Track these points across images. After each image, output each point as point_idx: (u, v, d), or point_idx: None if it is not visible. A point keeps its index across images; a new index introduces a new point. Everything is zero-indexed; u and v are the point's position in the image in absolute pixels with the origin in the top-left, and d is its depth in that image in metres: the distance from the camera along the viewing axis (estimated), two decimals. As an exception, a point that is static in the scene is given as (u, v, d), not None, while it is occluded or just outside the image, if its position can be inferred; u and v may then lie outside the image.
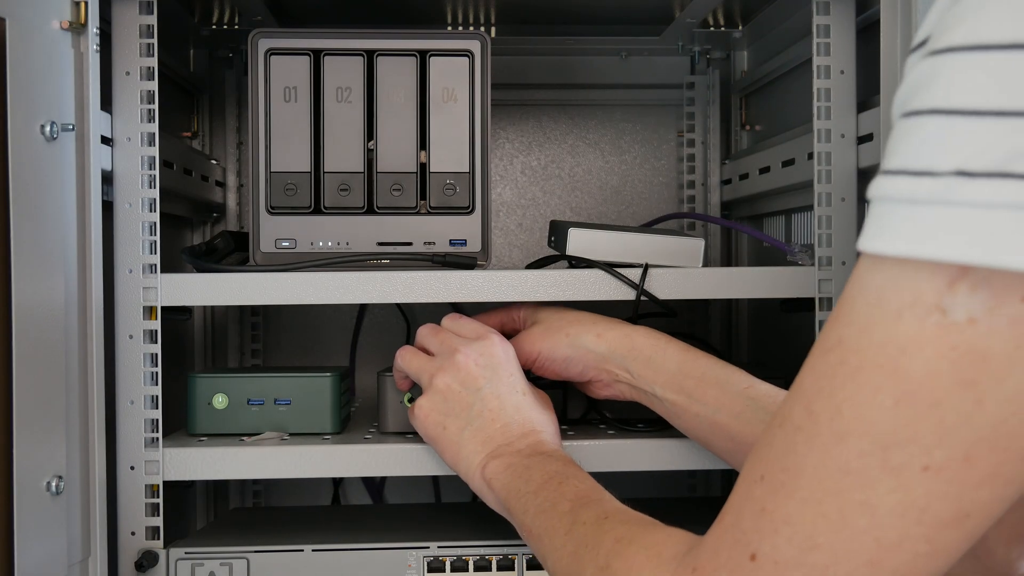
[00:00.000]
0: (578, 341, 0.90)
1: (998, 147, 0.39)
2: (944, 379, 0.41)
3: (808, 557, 0.45)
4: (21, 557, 0.71)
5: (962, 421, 0.41)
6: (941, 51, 0.41)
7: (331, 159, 1.01)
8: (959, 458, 0.42)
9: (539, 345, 0.91)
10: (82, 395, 0.82)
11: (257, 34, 1.00)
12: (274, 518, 1.14)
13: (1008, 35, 0.39)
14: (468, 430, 0.85)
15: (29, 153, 0.74)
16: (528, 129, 1.42)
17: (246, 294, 0.92)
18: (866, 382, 0.43)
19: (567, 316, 0.93)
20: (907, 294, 0.42)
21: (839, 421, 0.44)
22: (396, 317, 1.38)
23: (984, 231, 0.39)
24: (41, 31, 0.78)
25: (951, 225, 0.40)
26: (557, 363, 0.91)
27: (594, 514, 0.68)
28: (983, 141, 0.39)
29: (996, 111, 0.39)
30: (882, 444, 0.43)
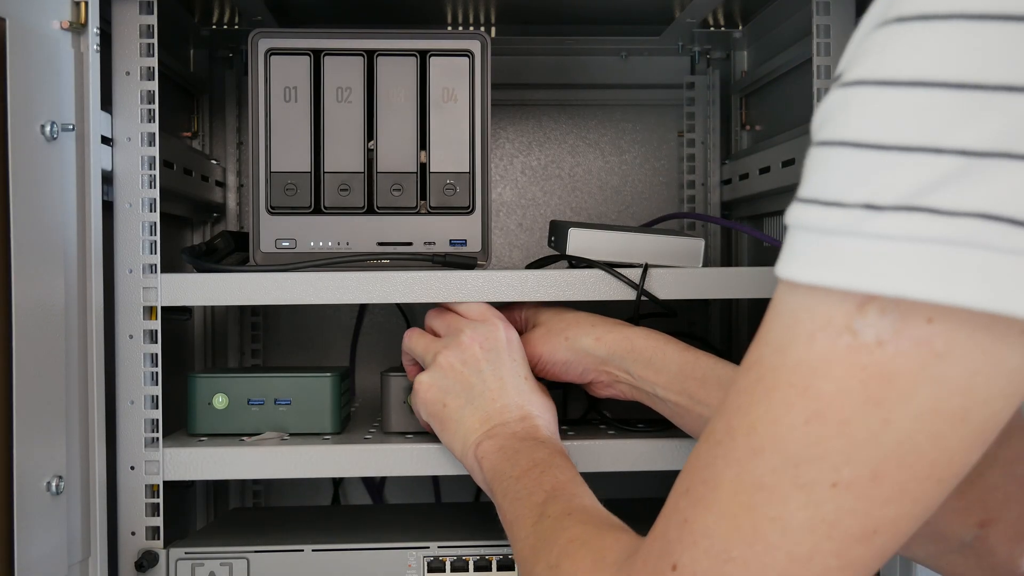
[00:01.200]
0: (577, 344, 0.90)
1: (903, 181, 0.40)
2: (853, 398, 0.42)
3: (724, 569, 0.46)
4: (21, 557, 0.71)
5: (870, 439, 0.42)
6: (851, 83, 0.42)
7: (331, 159, 1.01)
8: (867, 475, 0.43)
9: (539, 348, 0.91)
10: (82, 395, 0.82)
11: (257, 34, 1.00)
12: (274, 518, 1.14)
13: (913, 72, 0.40)
14: (468, 408, 0.85)
15: (29, 153, 0.74)
16: (528, 129, 1.42)
17: (246, 294, 0.92)
18: (780, 400, 0.44)
19: (567, 318, 0.93)
20: (819, 317, 0.43)
21: (754, 437, 0.45)
22: (396, 317, 1.38)
23: (891, 262, 0.40)
24: (41, 31, 0.78)
25: (859, 256, 0.41)
26: (557, 366, 0.91)
27: (560, 509, 0.69)
28: (889, 175, 0.40)
29: (901, 146, 0.40)
30: (793, 461, 0.44)
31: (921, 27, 0.40)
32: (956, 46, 0.39)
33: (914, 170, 0.40)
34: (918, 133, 0.40)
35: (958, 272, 0.39)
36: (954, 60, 0.39)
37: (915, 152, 0.40)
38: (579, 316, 0.93)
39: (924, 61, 0.40)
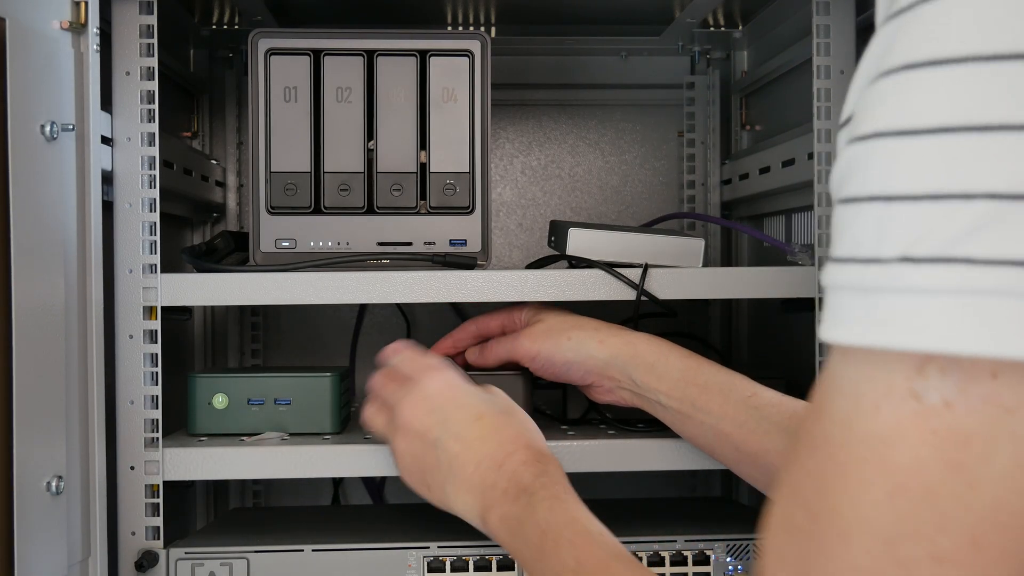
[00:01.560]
0: (581, 346, 0.90)
1: (937, 231, 0.39)
2: (931, 465, 0.41)
3: None
4: (21, 557, 0.71)
5: (960, 506, 0.41)
6: (869, 136, 0.41)
7: (331, 159, 1.01)
8: (966, 544, 0.41)
9: (540, 345, 0.91)
10: (82, 395, 0.82)
11: (257, 34, 1.00)
12: (274, 518, 1.14)
13: (935, 119, 0.39)
14: (449, 484, 0.82)
15: (29, 153, 0.74)
16: (528, 129, 1.42)
17: (246, 294, 0.92)
18: (857, 478, 0.42)
19: (569, 320, 0.92)
20: (880, 384, 0.41)
21: (839, 519, 0.43)
22: (396, 317, 1.38)
23: (937, 317, 0.39)
24: (41, 31, 0.78)
25: (905, 312, 0.40)
26: (557, 366, 0.91)
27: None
28: (923, 226, 0.39)
29: (931, 194, 0.39)
30: (886, 539, 0.42)
31: (935, 72, 0.39)
32: (976, 89, 0.38)
33: (947, 218, 0.39)
34: (946, 180, 0.39)
35: (1010, 323, 0.38)
36: (976, 103, 0.38)
37: (945, 200, 0.39)
38: (581, 319, 0.93)
39: (945, 107, 0.39)
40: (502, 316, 0.98)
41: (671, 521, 1.00)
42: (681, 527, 0.97)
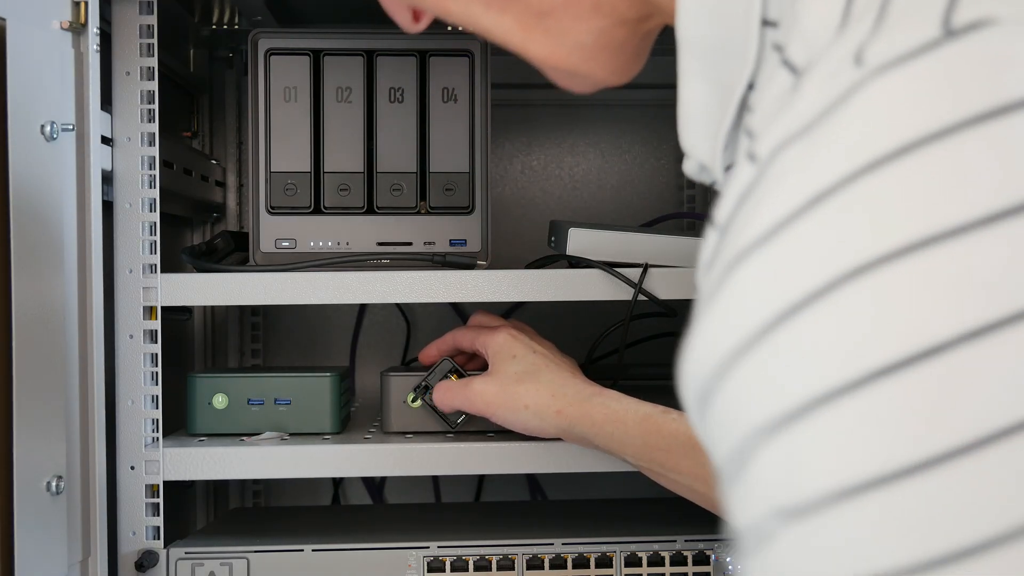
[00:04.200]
0: (536, 417, 0.89)
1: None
2: None
3: None
4: (21, 557, 0.71)
5: None
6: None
7: (331, 159, 1.01)
8: None
9: (494, 409, 0.90)
10: (82, 395, 0.82)
11: (257, 34, 1.00)
12: (274, 518, 1.14)
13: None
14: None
15: (29, 153, 0.74)
16: (528, 129, 1.42)
17: (246, 294, 0.92)
18: None
19: (522, 374, 0.91)
20: None
21: None
22: (396, 317, 1.38)
23: None
24: (41, 31, 0.78)
25: None
26: (516, 428, 0.91)
27: None
28: None
29: None
30: None
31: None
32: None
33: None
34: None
35: None
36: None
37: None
38: (536, 368, 0.91)
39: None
40: (472, 335, 0.96)
41: (671, 521, 1.00)
42: (681, 527, 0.97)
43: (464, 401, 0.92)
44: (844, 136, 0.32)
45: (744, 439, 0.33)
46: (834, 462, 0.30)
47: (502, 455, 0.93)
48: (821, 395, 0.31)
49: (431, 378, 0.96)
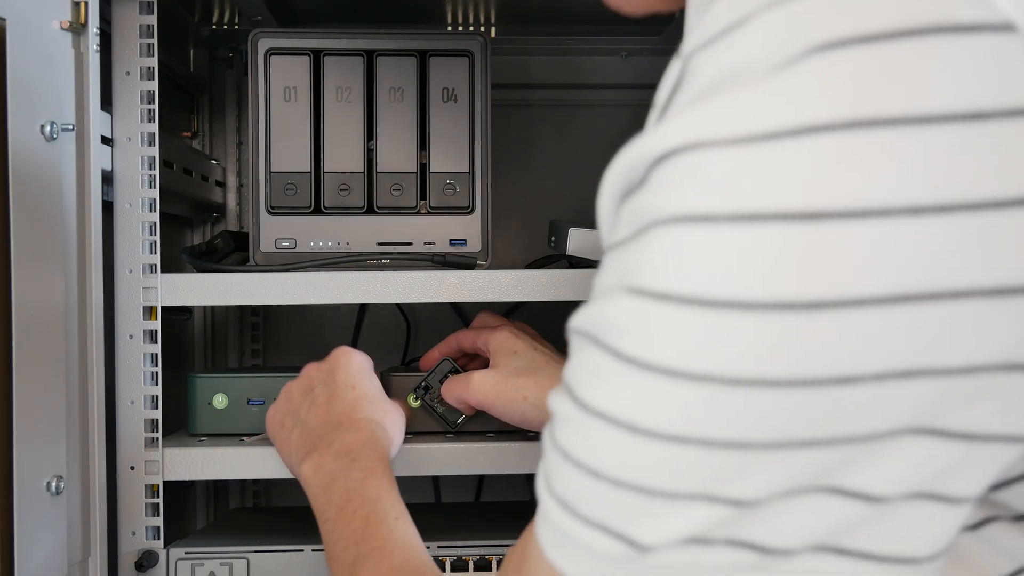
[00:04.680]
0: (537, 406, 0.89)
1: (674, 525, 0.40)
2: None
3: None
4: (21, 557, 0.71)
5: None
6: (593, 413, 0.41)
7: (331, 159, 1.01)
8: None
9: (492, 400, 0.90)
10: (82, 395, 0.82)
11: (257, 34, 1.00)
12: (274, 518, 1.14)
13: (674, 429, 0.39)
14: (297, 429, 0.87)
15: (29, 153, 0.74)
16: (528, 129, 1.42)
17: (246, 294, 0.92)
18: None
19: (523, 368, 0.91)
20: None
21: None
22: (396, 317, 1.38)
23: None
24: (41, 31, 0.78)
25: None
26: (515, 421, 0.91)
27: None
28: (659, 519, 0.40)
29: (669, 493, 0.39)
30: None
31: (661, 380, 0.38)
32: (718, 406, 0.37)
33: (686, 515, 0.39)
34: (685, 484, 0.39)
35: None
36: (720, 421, 0.37)
37: (684, 499, 0.39)
38: (537, 365, 0.91)
39: (688, 418, 0.38)
40: (474, 335, 0.97)
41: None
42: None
43: (465, 392, 0.92)
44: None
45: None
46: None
47: (502, 455, 0.93)
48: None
49: (431, 378, 0.96)
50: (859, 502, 0.38)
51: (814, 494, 0.38)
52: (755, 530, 0.39)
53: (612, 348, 0.39)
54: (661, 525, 0.39)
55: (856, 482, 0.38)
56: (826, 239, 0.35)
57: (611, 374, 0.39)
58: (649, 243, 0.38)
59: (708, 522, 0.39)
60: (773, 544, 0.39)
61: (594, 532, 0.41)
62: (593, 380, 0.40)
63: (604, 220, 0.43)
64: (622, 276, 0.39)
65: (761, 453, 0.37)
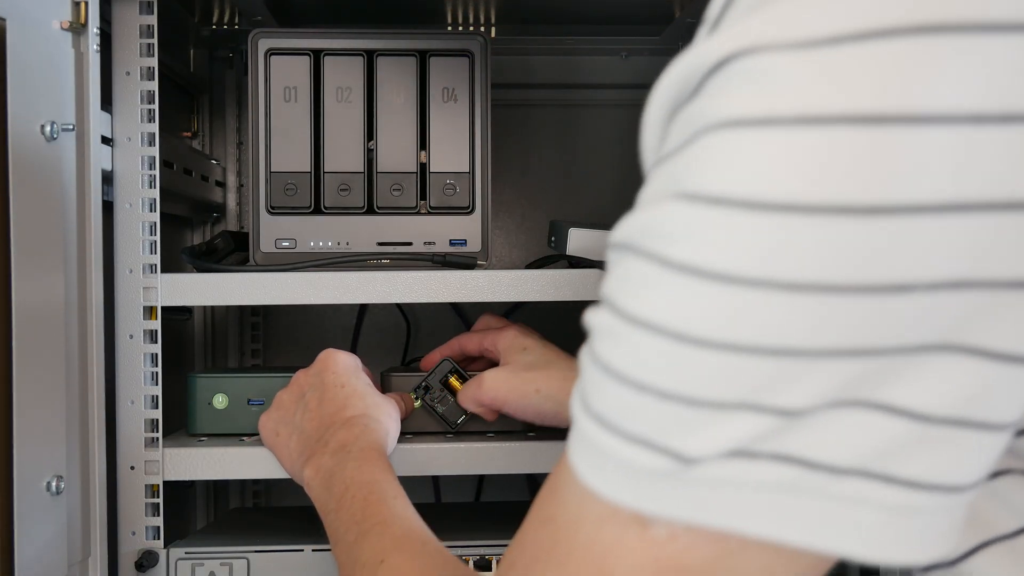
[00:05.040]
0: (550, 399, 0.89)
1: (718, 437, 0.38)
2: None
3: None
4: (21, 557, 0.71)
5: None
6: (635, 321, 0.40)
7: (331, 159, 1.01)
8: None
9: (504, 395, 0.90)
10: (82, 395, 0.82)
11: (257, 34, 1.00)
12: (274, 518, 1.14)
13: (722, 337, 0.38)
14: (294, 436, 0.87)
15: (29, 153, 0.74)
16: (528, 129, 1.42)
17: (246, 294, 0.92)
18: (574, 574, 0.43)
19: (534, 362, 0.91)
20: (608, 507, 0.42)
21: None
22: (396, 317, 1.38)
23: (700, 502, 0.39)
24: (41, 31, 0.78)
25: (664, 492, 0.40)
26: (528, 415, 0.91)
27: (371, 555, 0.69)
28: (703, 431, 0.39)
29: (715, 403, 0.38)
30: None
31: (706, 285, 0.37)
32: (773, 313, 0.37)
33: (732, 426, 0.38)
34: (732, 393, 0.38)
35: (777, 514, 0.38)
36: (772, 328, 0.37)
37: (730, 409, 0.38)
38: (547, 359, 0.91)
39: (739, 325, 0.37)
40: (479, 338, 0.97)
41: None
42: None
43: (478, 392, 0.92)
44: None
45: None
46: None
47: (502, 455, 0.93)
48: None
49: (431, 378, 0.96)
50: (905, 420, 0.37)
51: (861, 409, 0.37)
52: (801, 444, 0.38)
53: (659, 256, 0.38)
54: (707, 437, 0.38)
55: (902, 398, 0.37)
56: (888, 143, 0.34)
57: (658, 282, 0.38)
58: (704, 147, 0.37)
59: (754, 433, 0.38)
60: (819, 459, 0.38)
61: (637, 448, 0.40)
62: (637, 290, 0.39)
63: (651, 138, 0.42)
64: (671, 183, 0.38)
65: (810, 361, 0.37)
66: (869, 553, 0.38)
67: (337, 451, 0.81)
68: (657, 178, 0.40)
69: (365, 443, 0.82)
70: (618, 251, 0.41)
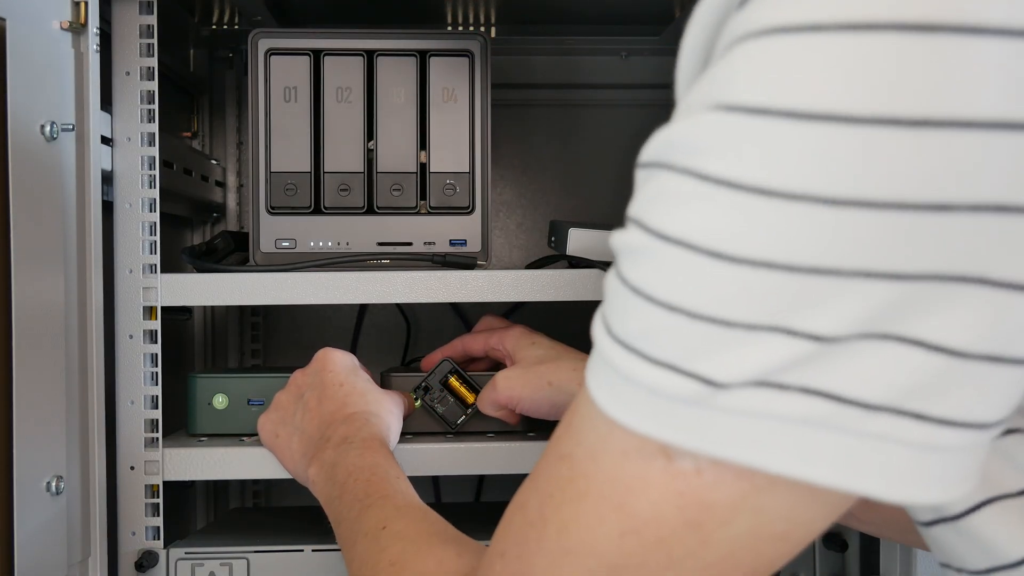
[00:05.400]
0: (563, 389, 0.89)
1: (750, 361, 0.37)
2: (670, 521, 0.40)
3: None
4: (21, 557, 0.71)
5: (688, 554, 0.41)
6: (673, 241, 0.38)
7: (331, 159, 1.01)
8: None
9: (519, 391, 0.90)
10: (82, 395, 0.82)
11: (257, 34, 1.00)
12: (274, 518, 1.14)
13: (756, 253, 0.37)
14: (295, 436, 0.87)
15: (29, 153, 0.74)
16: (528, 129, 1.42)
17: (246, 294, 0.92)
18: (592, 510, 0.42)
19: (544, 356, 0.91)
20: (633, 438, 0.40)
21: (566, 538, 0.43)
22: (396, 317, 1.38)
23: (728, 432, 0.38)
24: (41, 31, 0.78)
25: (690, 421, 0.38)
26: (543, 410, 0.90)
27: (374, 523, 0.68)
28: (734, 354, 0.37)
29: (747, 324, 0.37)
30: (609, 567, 0.42)
31: (752, 200, 0.36)
32: (802, 226, 0.35)
33: (763, 350, 0.37)
34: (764, 313, 0.36)
35: (803, 451, 0.37)
36: (810, 245, 0.36)
37: (762, 331, 0.36)
38: (556, 355, 0.91)
39: (777, 241, 0.36)
40: (484, 338, 0.97)
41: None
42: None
43: (493, 393, 0.92)
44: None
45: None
46: None
47: (502, 455, 0.93)
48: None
49: (431, 379, 0.96)
50: (938, 355, 0.36)
51: (894, 343, 0.36)
52: (833, 378, 0.36)
53: (694, 170, 0.37)
54: (736, 360, 0.37)
55: (935, 332, 0.36)
56: (940, 53, 0.33)
57: (692, 197, 0.37)
58: (745, 56, 0.36)
59: (785, 359, 0.36)
60: (851, 394, 0.37)
61: (663, 372, 0.38)
62: (670, 206, 0.38)
63: (687, 62, 0.41)
64: (707, 95, 0.37)
65: (844, 281, 0.35)
66: (892, 492, 0.38)
67: (339, 444, 0.81)
68: (693, 93, 0.39)
69: (367, 434, 0.82)
70: (648, 168, 0.40)
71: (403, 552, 0.62)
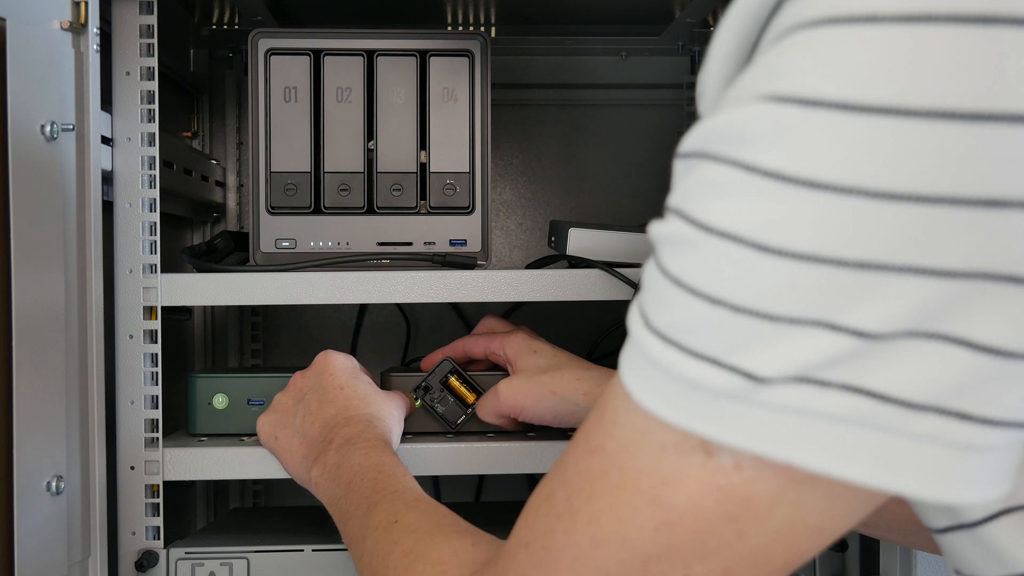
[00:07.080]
0: (565, 401, 0.89)
1: (793, 356, 0.37)
2: (707, 514, 0.40)
3: None
4: (21, 557, 0.71)
5: (724, 546, 0.40)
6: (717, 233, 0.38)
7: (331, 159, 1.01)
8: (719, 572, 0.41)
9: (522, 401, 0.90)
10: (82, 395, 0.82)
11: (257, 34, 1.00)
12: (274, 518, 1.14)
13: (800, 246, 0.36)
14: (296, 438, 0.87)
15: (29, 153, 0.74)
16: (528, 129, 1.42)
17: (246, 294, 0.92)
18: (626, 502, 0.41)
19: (546, 365, 0.91)
20: (671, 432, 0.40)
21: (597, 529, 0.42)
22: (396, 317, 1.38)
23: (769, 428, 0.38)
24: (41, 31, 0.78)
25: (732, 417, 0.38)
26: (546, 419, 0.90)
27: (384, 517, 0.67)
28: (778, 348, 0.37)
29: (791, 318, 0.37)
30: (642, 558, 0.41)
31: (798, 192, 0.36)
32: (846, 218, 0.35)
33: (806, 345, 0.36)
34: (809, 307, 0.36)
35: (843, 449, 0.37)
36: (858, 240, 0.35)
37: (806, 326, 0.36)
38: (559, 364, 0.91)
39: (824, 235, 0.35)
40: (485, 341, 0.97)
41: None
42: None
43: (496, 402, 0.91)
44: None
45: None
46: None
47: (502, 455, 0.93)
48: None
49: (431, 379, 0.96)
50: (984, 356, 0.36)
51: (939, 342, 0.36)
52: (876, 376, 0.36)
53: (741, 161, 0.36)
54: (779, 355, 0.36)
55: (981, 332, 0.36)
56: (996, 46, 0.33)
57: (740, 189, 0.36)
58: (797, 46, 0.35)
59: (828, 355, 0.36)
60: (894, 393, 0.36)
61: (704, 365, 0.38)
62: (714, 197, 0.37)
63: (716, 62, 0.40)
64: (755, 86, 0.36)
65: (891, 277, 0.35)
66: (931, 491, 0.37)
67: (342, 446, 0.81)
68: (738, 84, 0.38)
69: (370, 435, 0.82)
70: (690, 159, 0.39)
71: (417, 543, 0.61)
